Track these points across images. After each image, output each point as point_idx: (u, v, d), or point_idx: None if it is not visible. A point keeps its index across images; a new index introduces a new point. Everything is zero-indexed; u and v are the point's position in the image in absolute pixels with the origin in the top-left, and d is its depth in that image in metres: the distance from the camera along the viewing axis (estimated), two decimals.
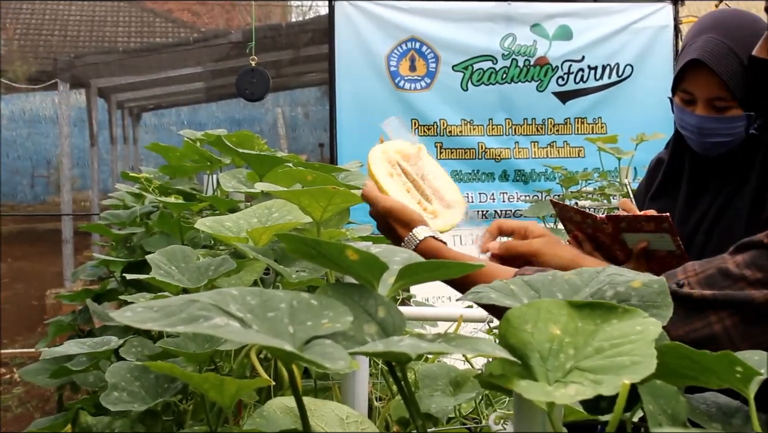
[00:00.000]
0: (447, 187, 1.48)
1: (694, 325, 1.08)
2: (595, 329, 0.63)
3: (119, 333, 1.70)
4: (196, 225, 1.43)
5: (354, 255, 0.71)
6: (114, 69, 8.36)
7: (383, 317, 0.70)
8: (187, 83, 9.63)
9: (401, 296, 2.01)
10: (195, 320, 0.59)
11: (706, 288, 1.10)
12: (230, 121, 13.20)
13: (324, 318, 0.64)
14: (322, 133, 12.30)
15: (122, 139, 11.36)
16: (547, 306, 0.65)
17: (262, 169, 1.85)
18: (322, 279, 1.37)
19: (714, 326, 1.07)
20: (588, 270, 0.80)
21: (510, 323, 0.66)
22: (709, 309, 1.08)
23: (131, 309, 0.60)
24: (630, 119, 5.22)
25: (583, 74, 5.34)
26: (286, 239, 0.74)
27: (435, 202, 1.44)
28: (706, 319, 1.08)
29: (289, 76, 9.10)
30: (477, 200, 5.25)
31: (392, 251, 0.88)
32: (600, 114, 5.37)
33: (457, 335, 0.66)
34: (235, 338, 0.56)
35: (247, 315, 0.62)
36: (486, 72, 5.25)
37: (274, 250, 1.43)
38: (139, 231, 2.38)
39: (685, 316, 1.08)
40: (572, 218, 1.55)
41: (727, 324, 1.07)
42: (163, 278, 1.26)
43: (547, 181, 5.27)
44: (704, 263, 1.13)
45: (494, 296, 0.77)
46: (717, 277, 1.10)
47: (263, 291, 0.66)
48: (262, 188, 1.49)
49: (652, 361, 0.58)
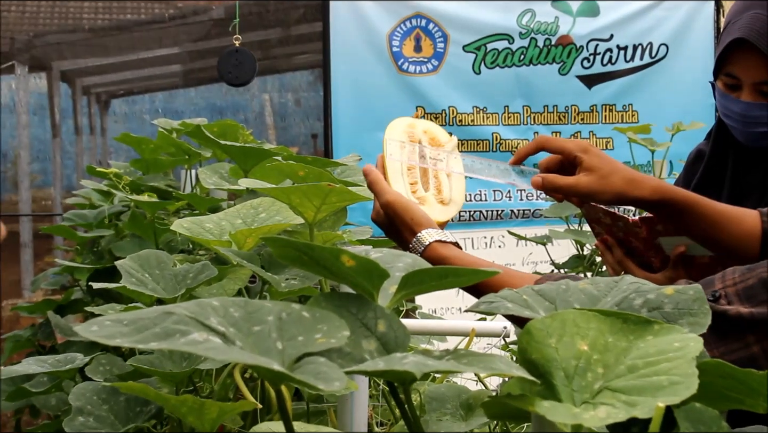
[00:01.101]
0: (455, 185, 1.46)
1: (730, 345, 1.07)
2: (627, 346, 0.63)
3: (85, 350, 1.70)
4: (172, 227, 1.43)
5: (351, 261, 0.71)
6: (79, 50, 8.36)
7: (384, 331, 0.70)
8: (162, 66, 9.63)
9: (405, 308, 2.01)
10: (171, 336, 0.58)
11: (744, 302, 1.09)
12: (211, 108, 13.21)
13: (317, 333, 0.64)
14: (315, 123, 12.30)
15: (88, 130, 11.36)
16: (573, 318, 0.65)
17: (247, 163, 1.85)
18: (315, 288, 1.37)
19: (752, 348, 1.06)
20: (603, 280, 0.80)
21: (532, 336, 0.65)
22: (746, 328, 1.07)
23: (98, 323, 0.59)
24: (665, 106, 5.22)
25: (611, 55, 5.34)
26: (274, 243, 0.74)
27: (431, 192, 1.42)
28: (744, 339, 1.07)
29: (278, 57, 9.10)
30: (491, 199, 5.24)
31: (394, 256, 0.88)
32: (631, 100, 5.37)
33: (468, 351, 0.66)
34: (216, 355, 0.56)
35: (229, 329, 0.62)
36: (501, 53, 5.25)
37: (261, 255, 1.43)
38: (107, 234, 2.38)
39: (721, 335, 1.08)
40: (601, 220, 1.55)
41: (766, 346, 1.06)
42: (134, 286, 1.26)
43: None
44: (746, 270, 1.12)
45: (511, 306, 0.77)
46: (758, 288, 1.09)
47: (248, 302, 0.66)
48: (247, 185, 1.49)
49: (693, 381, 0.58)
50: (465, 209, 4.99)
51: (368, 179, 1.38)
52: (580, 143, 1.34)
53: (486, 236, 4.86)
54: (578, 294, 0.78)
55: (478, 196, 5.08)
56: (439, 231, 1.31)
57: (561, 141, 1.36)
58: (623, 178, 1.29)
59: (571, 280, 1.15)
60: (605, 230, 1.55)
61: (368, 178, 1.38)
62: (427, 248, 1.29)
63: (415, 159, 1.42)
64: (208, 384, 1.35)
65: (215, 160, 2.40)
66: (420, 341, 1.91)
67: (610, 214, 1.52)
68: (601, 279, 0.81)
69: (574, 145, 1.33)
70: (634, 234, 1.50)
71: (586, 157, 1.31)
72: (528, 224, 5.02)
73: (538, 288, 0.81)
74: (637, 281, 0.78)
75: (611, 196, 1.30)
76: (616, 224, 1.52)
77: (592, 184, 1.30)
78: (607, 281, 0.80)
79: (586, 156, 1.31)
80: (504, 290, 0.81)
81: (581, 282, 0.81)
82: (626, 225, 1.49)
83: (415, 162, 1.42)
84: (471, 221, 5.03)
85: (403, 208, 1.33)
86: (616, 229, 1.52)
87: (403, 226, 1.32)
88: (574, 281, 0.82)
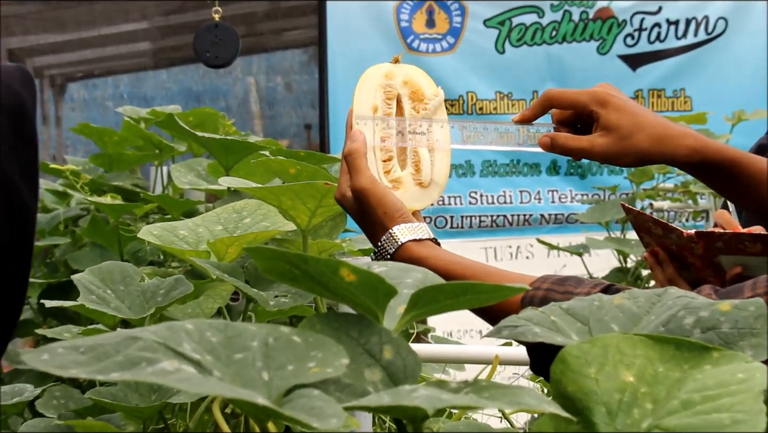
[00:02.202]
0: (438, 161, 1.39)
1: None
2: (681, 377, 0.63)
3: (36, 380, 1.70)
4: (139, 234, 1.43)
5: (351, 276, 0.70)
6: (30, 25, 8.38)
7: (390, 358, 0.70)
8: (128, 44, 9.66)
9: (415, 330, 2.01)
10: (136, 365, 0.58)
11: None
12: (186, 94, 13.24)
13: (310, 361, 0.64)
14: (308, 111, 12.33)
15: (41, 119, 11.41)
16: (616, 344, 0.65)
17: (228, 159, 1.86)
18: (309, 308, 1.37)
19: None
20: (642, 293, 0.80)
21: (568, 365, 0.65)
22: None
23: (50, 350, 0.59)
24: (723, 92, 5.22)
25: (659, 31, 5.34)
26: (260, 254, 0.74)
27: (408, 171, 1.36)
28: None
29: (266, 34, 9.12)
30: (517, 201, 5.24)
31: (403, 270, 0.88)
32: (683, 85, 5.37)
33: (491, 382, 0.66)
34: (191, 388, 0.56)
35: (206, 357, 0.62)
36: (529, 28, 5.25)
37: (246, 268, 1.43)
38: (62, 242, 2.39)
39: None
40: (651, 230, 1.55)
41: None
42: (94, 305, 1.26)
43: (611, 174, 5.26)
44: None
45: (540, 331, 0.77)
46: None
47: (229, 325, 0.66)
48: (228, 184, 1.49)
49: (760, 419, 0.58)
50: (486, 213, 4.99)
51: (350, 148, 1.30)
52: (596, 94, 1.29)
53: (511, 244, 4.85)
54: (614, 312, 0.78)
55: (501, 197, 5.08)
56: (414, 225, 1.27)
57: (573, 94, 1.31)
58: (650, 137, 1.25)
59: (576, 280, 1.15)
60: (656, 241, 1.55)
61: (352, 146, 1.31)
62: (399, 248, 1.25)
63: (390, 139, 1.36)
64: (182, 421, 1.35)
65: (191, 155, 2.41)
66: (433, 370, 1.90)
67: (661, 225, 1.52)
68: (640, 292, 0.80)
69: (588, 98, 1.29)
70: (689, 249, 1.49)
71: (603, 112, 1.27)
72: (561, 230, 5.02)
73: (567, 306, 0.80)
74: (685, 294, 0.77)
75: (634, 159, 1.26)
76: (669, 236, 1.51)
77: (609, 146, 1.25)
78: (647, 295, 0.80)
79: (603, 111, 1.27)
80: (527, 311, 0.81)
81: (617, 297, 0.80)
82: (680, 239, 1.49)
83: (391, 132, 1.36)
84: (493, 228, 5.03)
85: (377, 199, 1.28)
86: (669, 241, 1.52)
87: (375, 219, 1.28)
88: (606, 296, 0.82)
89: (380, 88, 1.37)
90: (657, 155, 1.25)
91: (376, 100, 1.36)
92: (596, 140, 1.26)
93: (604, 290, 1.10)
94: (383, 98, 1.37)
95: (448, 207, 4.94)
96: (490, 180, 5.08)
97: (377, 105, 1.36)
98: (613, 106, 1.27)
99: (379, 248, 1.27)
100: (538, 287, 1.14)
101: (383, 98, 1.37)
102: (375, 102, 1.36)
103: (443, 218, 4.93)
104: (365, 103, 1.35)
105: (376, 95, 1.36)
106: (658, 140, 1.24)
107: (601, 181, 5.17)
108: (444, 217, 4.93)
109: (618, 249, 2.98)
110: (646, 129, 1.25)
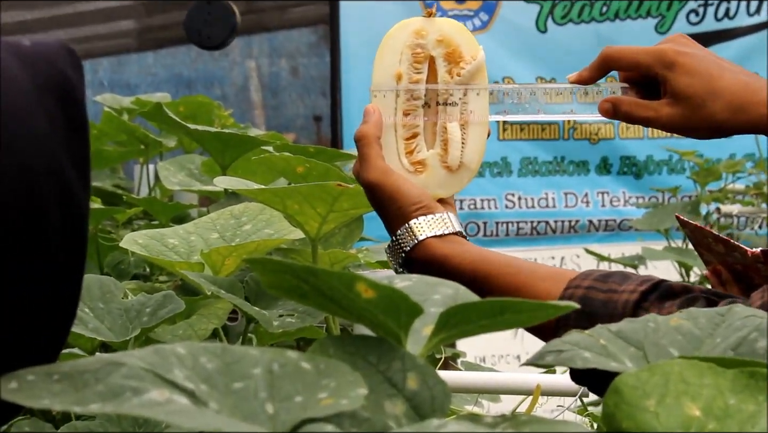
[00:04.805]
0: (471, 138, 1.34)
1: None
2: (756, 411, 0.62)
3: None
4: (122, 243, 1.44)
5: (369, 291, 0.70)
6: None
7: (415, 388, 0.70)
8: (109, 22, 9.69)
9: (443, 355, 2.00)
10: (119, 395, 0.58)
11: None
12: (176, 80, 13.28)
13: (322, 391, 0.64)
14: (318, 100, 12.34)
15: None
16: (679, 371, 0.65)
17: (225, 155, 1.86)
18: (319, 329, 1.37)
19: None
20: (703, 313, 0.79)
21: (622, 396, 0.65)
22: None
23: (18, 377, 0.59)
24: None
25: (728, 7, 5.33)
26: (263, 267, 0.74)
27: (435, 151, 1.32)
28: None
29: (267, 11, 9.14)
30: (562, 204, 5.23)
31: (429, 284, 0.88)
32: (755, 69, 5.35)
33: (531, 416, 0.66)
34: (183, 422, 0.56)
35: (201, 386, 0.62)
36: (576, 3, 5.25)
37: (246, 282, 1.43)
38: None
39: None
40: (711, 247, 1.54)
41: None
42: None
43: (672, 174, 5.25)
44: None
45: (590, 356, 0.76)
46: None
47: (227, 349, 0.66)
48: (225, 186, 1.49)
49: None
50: (526, 219, 4.98)
51: (360, 131, 1.29)
52: (662, 53, 1.24)
53: (554, 255, 4.84)
54: (672, 334, 0.78)
55: (543, 201, 5.06)
56: (436, 217, 1.24)
57: (634, 53, 1.26)
58: (729, 105, 1.19)
59: (621, 276, 1.14)
60: (718, 259, 1.54)
61: (362, 128, 1.29)
62: (418, 245, 1.23)
63: (416, 112, 1.32)
64: None
65: (182, 151, 2.42)
66: (464, 402, 1.90)
67: (722, 241, 1.51)
68: (700, 312, 0.80)
69: (652, 59, 1.24)
70: (755, 270, 1.49)
71: (671, 76, 1.22)
72: (613, 239, 5.00)
73: (617, 329, 0.80)
74: (754, 313, 0.77)
75: (708, 131, 1.22)
76: (732, 254, 1.51)
77: (678, 117, 1.21)
78: (709, 315, 0.79)
79: (671, 75, 1.22)
80: (573, 334, 0.80)
81: (673, 317, 0.80)
82: (744, 258, 1.48)
83: (417, 104, 1.32)
84: (534, 235, 5.02)
85: (389, 194, 1.26)
86: (732, 259, 1.51)
87: (388, 214, 1.26)
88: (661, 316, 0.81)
89: (408, 50, 1.33)
90: (737, 126, 1.20)
91: (402, 65, 1.32)
92: (663, 109, 1.23)
93: (653, 287, 1.10)
94: (410, 62, 1.32)
95: (480, 212, 4.91)
96: (529, 180, 5.06)
97: (401, 72, 1.32)
98: (682, 69, 1.22)
99: (394, 242, 1.25)
100: (578, 285, 1.14)
101: (410, 62, 1.32)
102: (399, 68, 1.32)
103: (475, 225, 4.90)
104: (387, 69, 1.32)
105: (402, 59, 1.32)
106: (739, 108, 1.19)
107: (660, 182, 5.14)
108: (476, 223, 4.90)
109: (679, 261, 2.97)
110: (724, 96, 1.19)
